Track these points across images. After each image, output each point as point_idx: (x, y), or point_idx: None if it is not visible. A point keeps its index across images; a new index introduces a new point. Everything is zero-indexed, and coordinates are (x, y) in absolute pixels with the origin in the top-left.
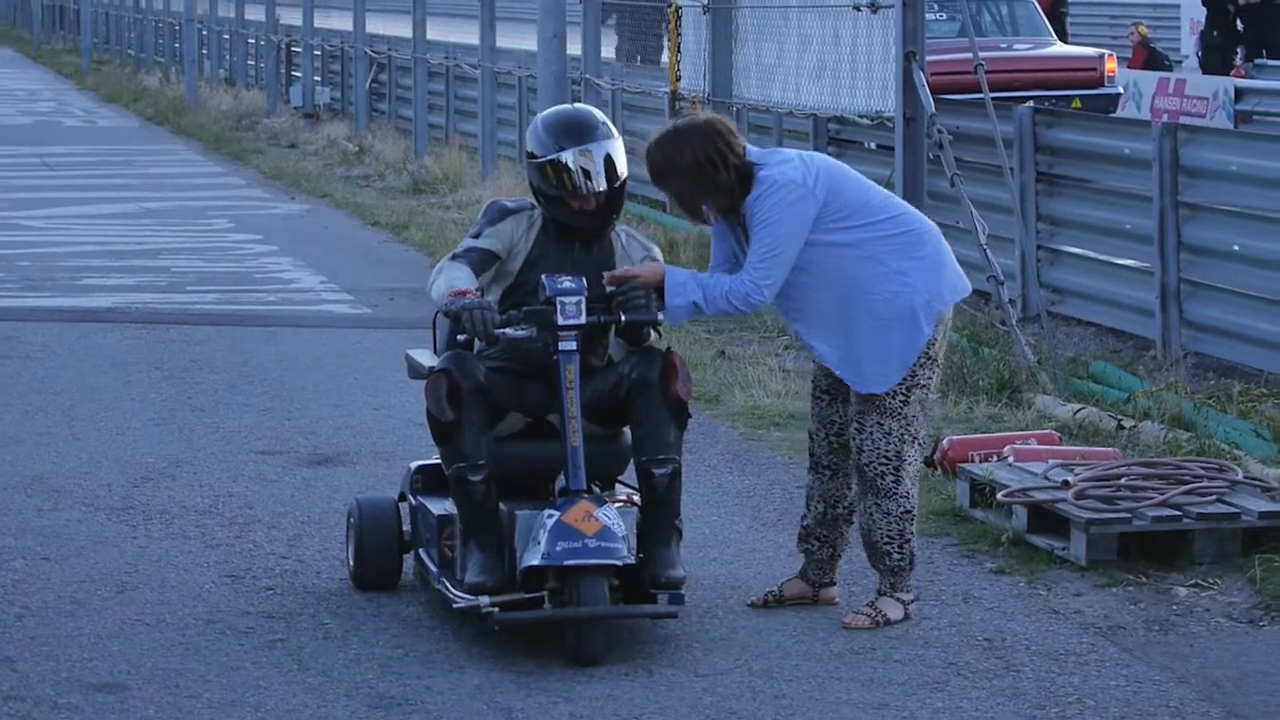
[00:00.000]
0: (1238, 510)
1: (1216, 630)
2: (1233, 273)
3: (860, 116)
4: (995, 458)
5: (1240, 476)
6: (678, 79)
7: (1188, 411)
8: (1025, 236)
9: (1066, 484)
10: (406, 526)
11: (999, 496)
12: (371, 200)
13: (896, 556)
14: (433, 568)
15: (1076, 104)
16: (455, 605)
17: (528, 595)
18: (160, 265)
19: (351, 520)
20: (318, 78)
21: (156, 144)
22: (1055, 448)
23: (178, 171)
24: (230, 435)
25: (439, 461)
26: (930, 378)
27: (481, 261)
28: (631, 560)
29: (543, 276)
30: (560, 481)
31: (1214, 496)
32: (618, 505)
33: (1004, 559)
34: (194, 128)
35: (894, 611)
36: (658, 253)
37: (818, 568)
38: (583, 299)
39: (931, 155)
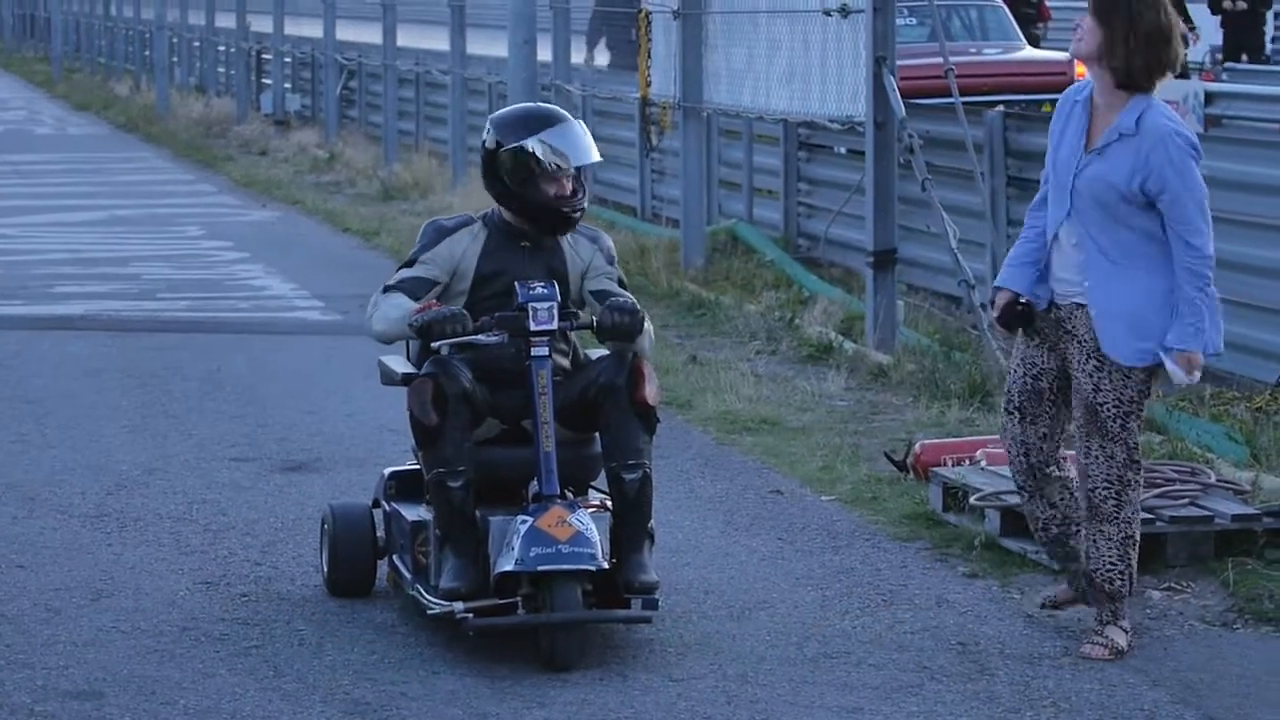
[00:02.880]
0: (1211, 513)
1: (1190, 633)
2: None
3: (831, 121)
4: (968, 461)
5: (1213, 480)
6: (648, 84)
7: (1160, 415)
8: (996, 241)
9: None
10: (380, 533)
11: (971, 500)
12: (342, 207)
13: (1119, 583)
14: (407, 574)
15: (1047, 108)
16: (429, 611)
17: (502, 601)
18: (131, 273)
19: (325, 527)
20: (288, 85)
21: (127, 151)
22: None
23: (148, 179)
24: (203, 442)
25: (413, 467)
26: (1143, 409)
27: (416, 289)
28: (605, 565)
29: (515, 283)
30: (533, 487)
31: (1187, 500)
32: (590, 510)
33: (977, 563)
34: (164, 135)
35: (1122, 640)
36: (606, 239)
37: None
38: (555, 305)
39: (902, 160)
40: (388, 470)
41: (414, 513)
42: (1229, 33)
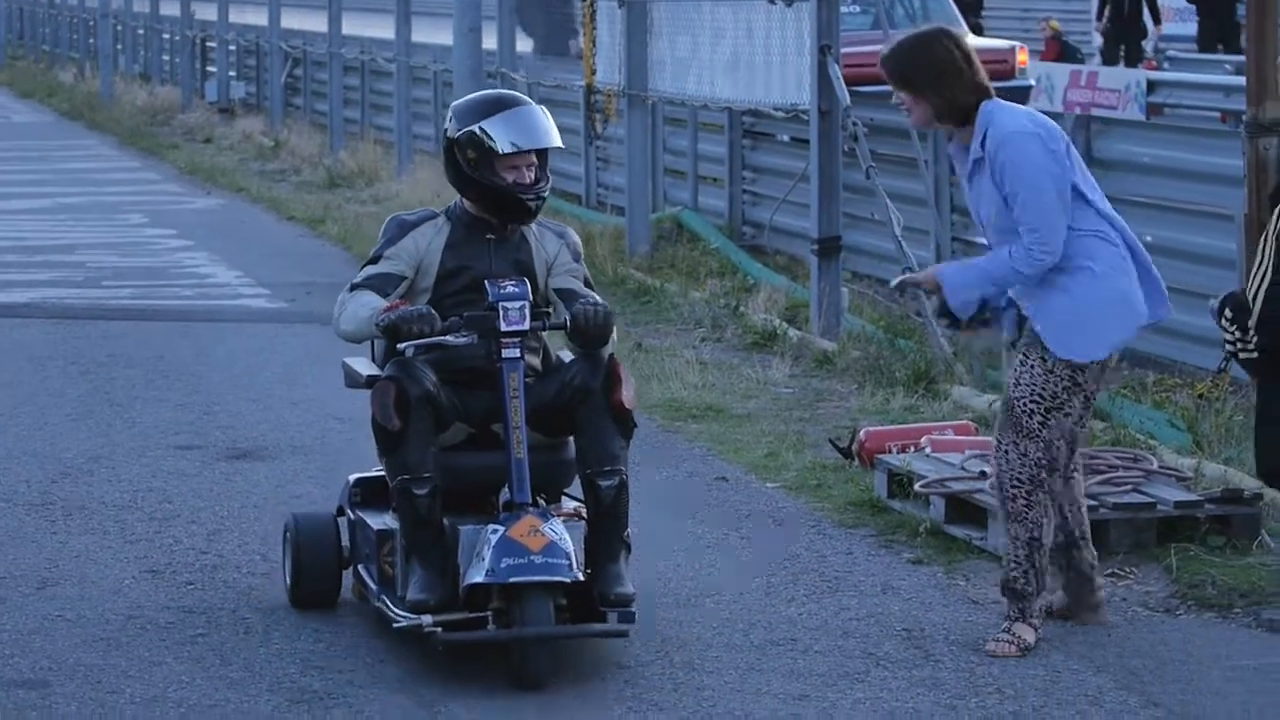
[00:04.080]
0: (1153, 500)
1: (1133, 619)
2: None
3: (775, 109)
4: (912, 449)
5: (1155, 466)
6: (593, 72)
7: (1103, 402)
8: (940, 228)
9: (984, 474)
10: (346, 541)
11: (917, 487)
12: (287, 194)
13: (1022, 584)
14: (373, 585)
15: None
16: (396, 625)
17: (472, 614)
18: (76, 260)
19: (288, 535)
20: (233, 73)
21: (71, 139)
22: (972, 438)
23: (93, 166)
24: (148, 430)
25: (378, 474)
26: (1075, 406)
27: (384, 286)
28: (579, 577)
29: (485, 281)
30: (504, 494)
31: (1129, 486)
32: (564, 518)
33: (922, 549)
34: (109, 123)
35: (1030, 636)
36: (573, 236)
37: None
38: (526, 304)
39: (847, 148)
40: (352, 477)
41: (380, 521)
42: (1206, 19)
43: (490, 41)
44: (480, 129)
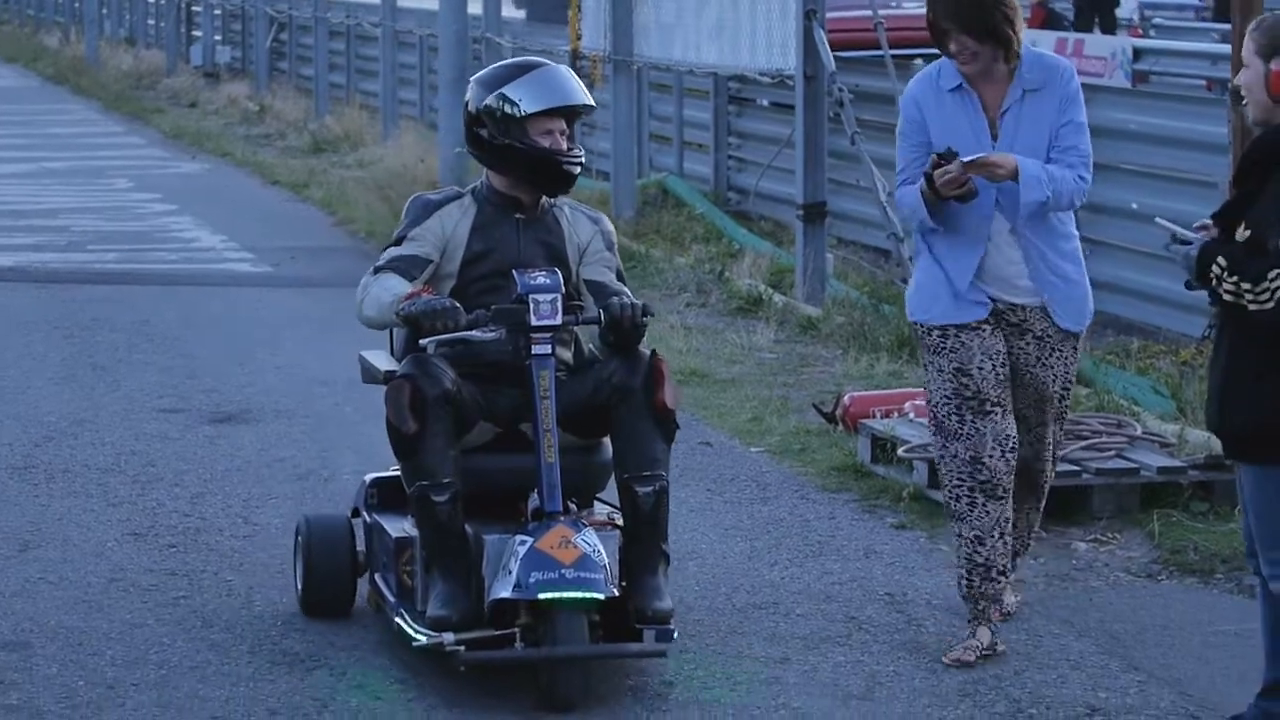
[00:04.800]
0: (1136, 466)
1: (1116, 584)
2: (1131, 231)
3: (761, 74)
4: (896, 414)
5: (1139, 432)
6: (578, 37)
7: (1087, 368)
8: None
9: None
10: (361, 546)
11: (900, 452)
12: (272, 159)
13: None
14: (390, 597)
15: None
16: (416, 644)
17: (497, 632)
18: (60, 224)
19: (299, 538)
20: (218, 37)
21: (56, 104)
22: None
23: (78, 131)
24: (131, 393)
25: (397, 474)
26: None
27: (409, 270)
28: (614, 592)
29: (514, 271)
30: (533, 501)
31: (1113, 452)
32: (597, 528)
33: (905, 514)
34: (94, 87)
35: (988, 637)
36: (607, 223)
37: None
38: (558, 296)
39: (832, 113)
40: (369, 476)
41: (398, 526)
42: None
43: (476, 7)
44: (502, 95)
